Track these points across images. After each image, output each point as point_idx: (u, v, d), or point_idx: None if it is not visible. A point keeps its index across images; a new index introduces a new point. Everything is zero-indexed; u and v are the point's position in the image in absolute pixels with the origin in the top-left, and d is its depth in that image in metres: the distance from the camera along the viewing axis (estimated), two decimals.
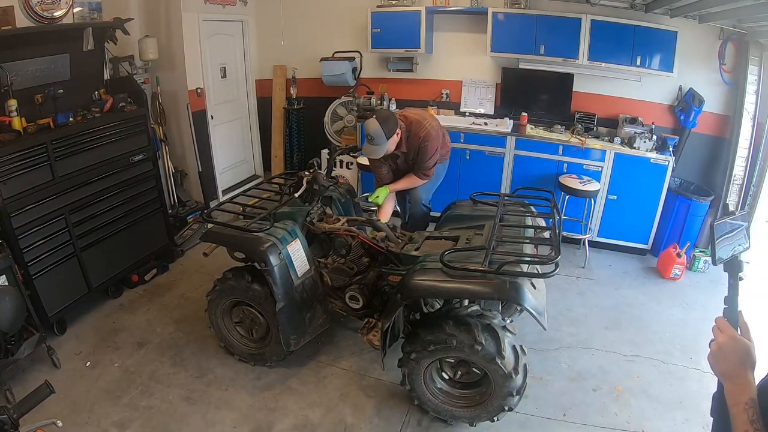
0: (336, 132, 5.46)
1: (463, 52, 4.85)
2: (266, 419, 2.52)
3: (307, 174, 2.97)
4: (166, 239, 3.96)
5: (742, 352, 1.03)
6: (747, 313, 1.12)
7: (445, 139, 3.40)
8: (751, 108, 3.93)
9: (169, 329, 3.22)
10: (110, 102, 3.40)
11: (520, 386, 2.24)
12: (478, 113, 4.90)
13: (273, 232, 2.56)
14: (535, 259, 2.31)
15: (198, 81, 4.73)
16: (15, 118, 2.80)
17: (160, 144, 4.41)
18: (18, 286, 2.66)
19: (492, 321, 2.27)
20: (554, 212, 2.60)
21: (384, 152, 3.05)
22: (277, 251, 2.50)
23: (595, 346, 3.09)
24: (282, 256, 2.52)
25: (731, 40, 3.96)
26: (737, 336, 1.06)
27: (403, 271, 2.43)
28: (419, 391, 2.43)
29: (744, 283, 1.21)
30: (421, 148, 3.12)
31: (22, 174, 2.76)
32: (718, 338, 1.07)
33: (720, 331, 1.08)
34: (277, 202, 2.93)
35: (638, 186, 4.08)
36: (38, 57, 3.08)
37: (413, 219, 3.50)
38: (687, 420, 2.53)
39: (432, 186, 3.46)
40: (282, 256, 2.52)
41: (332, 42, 5.17)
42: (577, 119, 4.46)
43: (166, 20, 4.41)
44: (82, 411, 2.53)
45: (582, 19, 4.09)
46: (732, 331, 1.06)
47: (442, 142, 3.29)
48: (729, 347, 1.04)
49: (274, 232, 2.57)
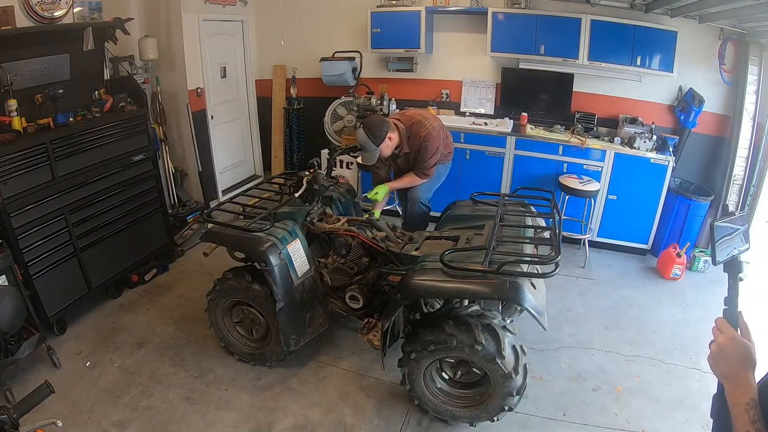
0: (336, 132, 5.45)
1: (463, 52, 4.85)
2: (266, 419, 2.52)
3: (307, 174, 2.97)
4: (166, 239, 3.96)
5: (742, 353, 1.02)
6: (747, 313, 1.12)
7: (447, 140, 3.41)
8: (751, 108, 3.92)
9: (169, 329, 3.22)
10: (110, 102, 3.40)
11: (520, 386, 2.25)
12: (478, 113, 4.90)
13: (273, 232, 2.56)
14: (535, 259, 2.31)
15: (198, 81, 4.73)
16: (15, 118, 2.80)
17: (160, 144, 4.41)
18: (18, 286, 2.66)
19: (492, 321, 2.27)
20: (554, 212, 2.61)
21: (377, 158, 3.07)
22: (277, 251, 2.50)
23: (595, 346, 3.09)
24: (282, 256, 2.52)
25: (731, 40, 3.96)
26: (737, 337, 1.05)
27: (403, 271, 2.43)
28: (419, 391, 2.43)
29: (744, 284, 1.21)
30: (422, 148, 3.12)
31: (22, 174, 2.76)
32: (718, 339, 1.06)
33: (720, 331, 1.07)
34: (277, 202, 2.93)
35: (638, 186, 4.08)
36: (38, 57, 3.08)
37: (411, 218, 3.49)
38: (687, 420, 2.53)
39: (432, 185, 3.46)
40: (282, 256, 2.52)
41: (332, 42, 5.17)
42: (577, 119, 4.46)
43: (166, 20, 4.41)
44: (82, 411, 2.53)
45: (582, 19, 4.09)
46: (732, 331, 1.06)
47: (444, 142, 3.30)
48: (729, 348, 1.03)
49: (274, 232, 2.57)
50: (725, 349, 1.04)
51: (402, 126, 3.11)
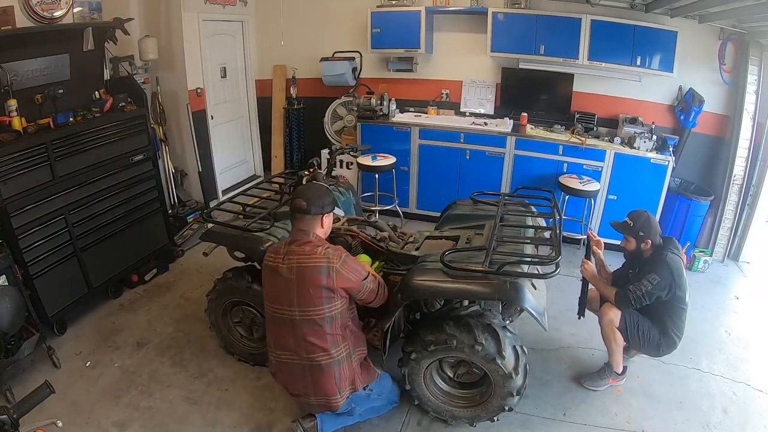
0: (336, 132, 5.46)
1: (463, 52, 4.85)
2: (266, 419, 2.52)
3: (307, 174, 2.97)
4: (166, 239, 3.95)
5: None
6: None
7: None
8: (751, 108, 3.93)
9: (169, 329, 3.22)
10: (110, 102, 3.40)
11: (520, 386, 2.25)
12: (478, 113, 4.90)
13: (273, 232, 2.56)
14: (536, 260, 2.31)
15: (198, 81, 4.73)
16: (15, 118, 2.80)
17: (160, 144, 4.41)
18: (18, 286, 2.66)
19: (492, 321, 2.27)
20: (554, 212, 2.60)
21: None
22: None
23: (595, 346, 3.09)
24: None
25: (731, 40, 3.96)
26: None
27: (404, 271, 2.43)
28: (419, 391, 2.43)
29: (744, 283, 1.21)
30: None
31: (22, 174, 2.76)
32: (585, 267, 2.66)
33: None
34: (277, 202, 2.93)
35: (638, 186, 4.08)
36: (38, 57, 3.08)
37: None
38: (687, 420, 2.53)
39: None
40: None
41: (332, 42, 5.17)
42: (577, 119, 4.47)
43: (166, 20, 4.41)
44: (82, 411, 2.52)
45: (582, 19, 4.09)
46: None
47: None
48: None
49: (274, 231, 2.57)
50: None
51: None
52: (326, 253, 2.04)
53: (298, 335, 2.08)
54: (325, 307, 2.04)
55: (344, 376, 2.14)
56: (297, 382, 2.16)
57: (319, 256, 2.03)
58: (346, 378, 2.15)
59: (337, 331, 2.09)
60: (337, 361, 2.10)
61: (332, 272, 2.01)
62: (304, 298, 2.04)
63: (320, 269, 2.01)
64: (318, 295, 2.02)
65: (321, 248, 2.06)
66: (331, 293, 2.03)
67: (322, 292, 2.02)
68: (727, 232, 4.18)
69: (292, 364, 2.14)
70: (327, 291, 2.02)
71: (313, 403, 2.19)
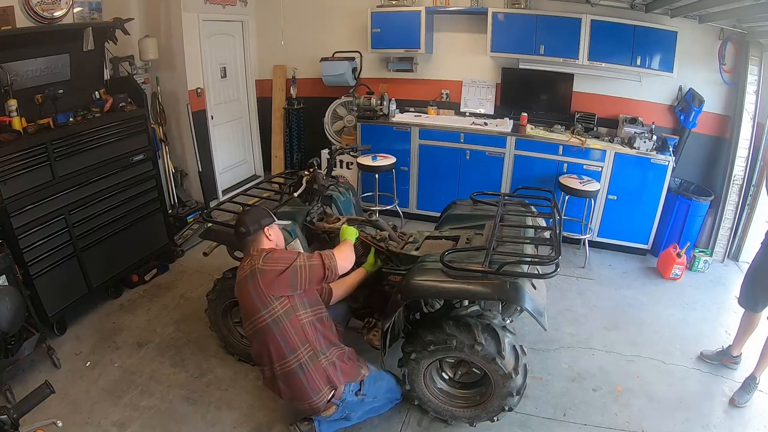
0: (336, 132, 5.46)
1: (463, 52, 4.85)
2: (266, 419, 2.52)
3: (307, 174, 2.97)
4: (166, 239, 3.95)
5: None
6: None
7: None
8: (751, 108, 3.93)
9: (169, 329, 3.22)
10: (110, 102, 3.40)
11: (520, 386, 2.24)
12: (478, 113, 4.91)
13: None
14: (536, 260, 2.31)
15: (198, 81, 4.74)
16: (15, 118, 2.80)
17: (160, 144, 4.41)
18: (18, 286, 2.66)
19: (492, 321, 2.27)
20: (554, 212, 2.60)
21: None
22: None
23: (595, 346, 3.09)
24: None
25: (731, 40, 3.96)
26: None
27: (404, 271, 2.43)
28: (419, 391, 2.43)
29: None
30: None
31: (22, 174, 2.76)
32: None
33: None
34: (277, 202, 2.93)
35: (638, 186, 4.08)
36: (38, 57, 3.08)
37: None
38: (687, 420, 2.53)
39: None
40: None
41: (332, 42, 5.17)
42: (577, 119, 4.47)
43: (166, 20, 4.42)
44: (82, 411, 2.52)
45: (582, 19, 4.09)
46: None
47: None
48: None
49: None
50: None
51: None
52: (251, 258, 2.09)
53: (262, 347, 2.11)
54: (264, 313, 2.02)
55: (313, 377, 2.08)
56: (281, 392, 2.16)
57: (246, 265, 2.08)
58: (316, 379, 2.09)
59: (289, 334, 2.05)
60: (300, 365, 2.06)
61: (256, 274, 2.02)
62: (247, 309, 2.08)
63: (247, 277, 2.04)
64: (254, 303, 2.03)
65: (252, 256, 2.10)
66: (262, 296, 2.02)
67: (254, 298, 2.03)
68: (727, 232, 4.18)
69: (270, 377, 2.15)
70: (258, 296, 2.02)
71: (300, 408, 2.20)
